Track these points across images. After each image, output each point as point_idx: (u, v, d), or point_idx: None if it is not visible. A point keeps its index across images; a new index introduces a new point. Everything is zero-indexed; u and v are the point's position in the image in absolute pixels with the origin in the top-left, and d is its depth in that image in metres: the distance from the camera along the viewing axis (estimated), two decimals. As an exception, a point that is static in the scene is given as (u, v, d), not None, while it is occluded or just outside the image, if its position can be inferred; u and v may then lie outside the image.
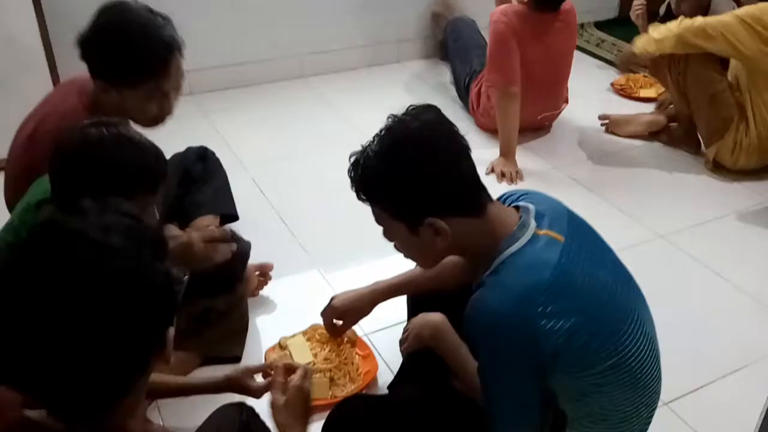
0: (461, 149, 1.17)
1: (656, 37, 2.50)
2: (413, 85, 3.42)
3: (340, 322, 1.69)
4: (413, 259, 1.28)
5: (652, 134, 2.89)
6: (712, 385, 1.74)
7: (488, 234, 1.16)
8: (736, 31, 2.35)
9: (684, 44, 2.45)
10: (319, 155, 2.79)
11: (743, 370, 1.79)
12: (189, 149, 2.12)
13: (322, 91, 3.35)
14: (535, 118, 2.87)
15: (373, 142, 1.17)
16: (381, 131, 1.17)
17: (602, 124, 2.98)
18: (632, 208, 2.48)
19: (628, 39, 3.71)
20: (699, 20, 2.41)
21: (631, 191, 2.60)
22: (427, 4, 3.53)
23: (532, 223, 1.16)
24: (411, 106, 1.20)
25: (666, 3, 3.32)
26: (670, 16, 3.11)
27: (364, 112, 3.12)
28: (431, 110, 1.20)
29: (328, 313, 1.67)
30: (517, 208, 1.22)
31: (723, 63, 2.57)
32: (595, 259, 1.18)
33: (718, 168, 2.65)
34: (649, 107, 3.14)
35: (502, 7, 2.70)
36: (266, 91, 3.32)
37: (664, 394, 1.29)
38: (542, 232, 1.14)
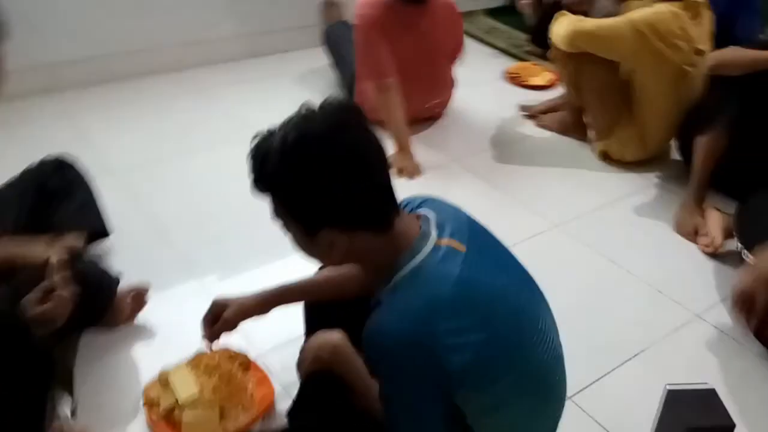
0: (377, 158, 1.06)
1: (555, 32, 2.53)
2: (302, 78, 3.27)
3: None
4: (310, 258, 1.17)
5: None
6: (613, 374, 1.74)
7: (390, 247, 1.08)
8: (627, 38, 2.38)
9: (572, 47, 2.49)
10: (200, 155, 2.60)
11: (641, 355, 1.80)
12: (43, 162, 1.87)
13: (202, 84, 3.13)
14: (423, 107, 2.82)
15: (278, 133, 1.04)
16: (289, 123, 1.04)
17: (526, 116, 3.01)
18: (527, 198, 2.47)
19: (519, 26, 3.79)
20: (589, 24, 2.41)
21: (526, 181, 2.59)
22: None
23: (433, 234, 1.09)
24: (327, 100, 1.07)
25: None
26: (556, 7, 3.15)
27: (249, 106, 2.96)
28: (347, 110, 1.08)
29: (209, 311, 1.45)
30: (417, 216, 1.15)
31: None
32: (497, 267, 1.14)
33: (607, 158, 2.70)
34: (539, 95, 3.17)
35: (363, 1, 2.61)
36: (138, 86, 3.06)
37: (568, 389, 1.26)
38: (443, 242, 1.08)
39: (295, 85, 3.18)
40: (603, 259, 2.18)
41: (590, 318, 1.92)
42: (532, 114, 3.01)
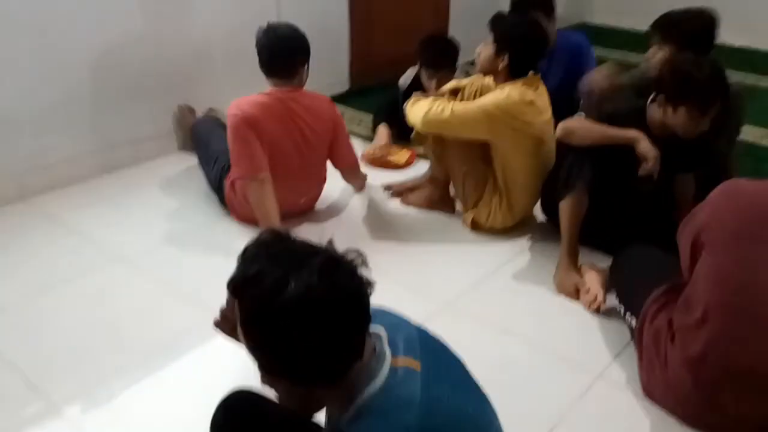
0: (358, 320, 1.03)
1: (412, 116, 2.56)
2: (158, 187, 3.07)
3: None
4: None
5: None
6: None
7: (347, 380, 1.04)
8: (481, 123, 2.45)
9: (430, 132, 2.55)
10: (59, 291, 2.32)
11: (559, 427, 1.77)
12: None
13: (52, 211, 2.84)
14: (298, 202, 2.77)
15: (267, 272, 0.99)
16: (298, 268, 0.99)
17: (391, 195, 2.99)
18: (410, 280, 2.42)
19: (366, 108, 3.85)
20: (444, 114, 2.46)
21: (405, 263, 2.55)
22: (161, 98, 3.25)
23: (388, 353, 1.05)
24: (337, 260, 1.05)
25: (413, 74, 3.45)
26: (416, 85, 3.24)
27: (109, 227, 2.71)
28: (346, 273, 1.03)
29: None
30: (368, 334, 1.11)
31: None
32: (454, 385, 1.11)
33: (477, 227, 2.73)
34: (401, 173, 3.20)
35: (238, 100, 2.56)
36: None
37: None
38: (399, 361, 1.07)
39: (148, 197, 2.97)
40: (497, 333, 2.16)
41: (497, 399, 1.84)
42: (398, 192, 3.01)
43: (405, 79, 3.54)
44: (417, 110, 2.55)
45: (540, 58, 2.57)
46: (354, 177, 2.96)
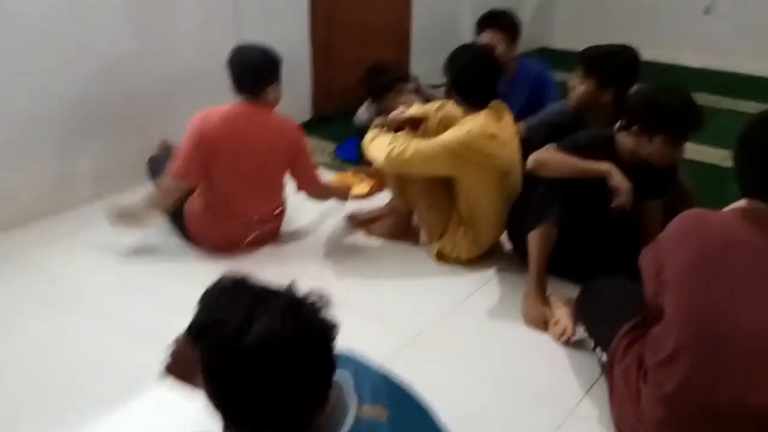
0: (323, 365, 1.01)
1: (373, 153, 2.52)
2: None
3: None
4: None
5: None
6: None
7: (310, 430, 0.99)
8: (444, 160, 2.43)
9: (391, 170, 2.51)
10: (15, 332, 2.23)
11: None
12: None
13: (9, 250, 2.71)
14: (252, 218, 2.68)
15: (228, 316, 0.97)
16: (240, 316, 0.96)
17: (355, 226, 2.94)
18: (375, 314, 2.35)
19: (328, 137, 3.79)
20: (407, 153, 2.42)
21: (370, 295, 2.48)
22: (121, 130, 3.16)
23: (353, 402, 1.02)
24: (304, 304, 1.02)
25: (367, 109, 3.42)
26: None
27: (68, 266, 2.61)
28: (310, 316, 1.01)
29: None
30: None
31: None
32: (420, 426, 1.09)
33: (443, 258, 2.68)
34: (363, 203, 3.13)
35: (208, 108, 2.60)
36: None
37: None
38: (365, 410, 1.03)
39: (111, 233, 2.83)
40: (464, 367, 2.10)
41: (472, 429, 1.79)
42: (361, 223, 2.94)
43: (361, 116, 3.49)
44: (378, 147, 2.50)
45: (494, 84, 2.56)
46: (321, 199, 2.94)
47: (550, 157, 2.27)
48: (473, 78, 2.52)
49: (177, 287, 2.43)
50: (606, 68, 2.60)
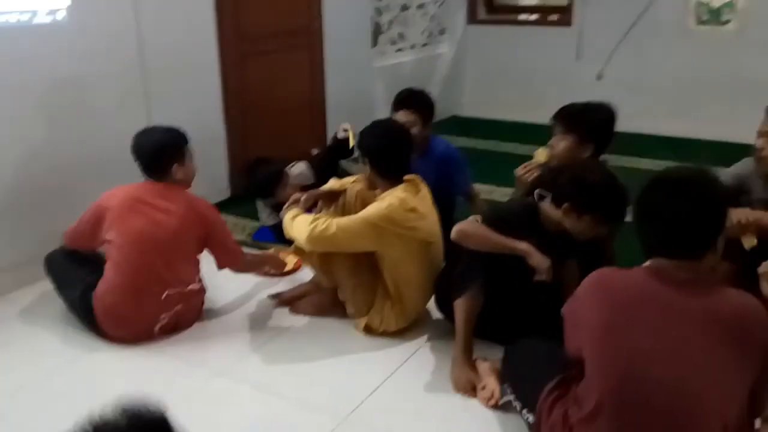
0: None
1: (295, 233, 2.51)
2: (19, 322, 2.82)
3: None
4: None
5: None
6: None
7: None
8: (367, 235, 2.45)
9: (314, 248, 2.51)
10: None
11: None
12: None
13: None
14: (160, 297, 2.58)
15: None
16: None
17: (279, 304, 2.90)
18: (306, 395, 2.31)
19: (250, 215, 3.77)
20: (329, 231, 2.43)
21: (300, 376, 2.44)
22: (19, 222, 3.05)
23: None
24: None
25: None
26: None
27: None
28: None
29: None
30: None
31: None
32: None
33: (371, 332, 2.67)
34: (287, 280, 3.10)
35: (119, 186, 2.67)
36: None
37: None
38: None
39: (16, 332, 2.73)
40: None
41: None
42: (285, 301, 2.91)
43: (263, 217, 3.52)
44: (299, 227, 2.50)
45: (407, 158, 2.63)
46: (251, 272, 2.96)
47: (473, 230, 2.33)
48: (386, 153, 2.59)
49: (80, 392, 2.29)
50: (587, 123, 2.69)
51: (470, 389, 2.28)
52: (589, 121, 2.70)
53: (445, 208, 2.94)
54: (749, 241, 2.33)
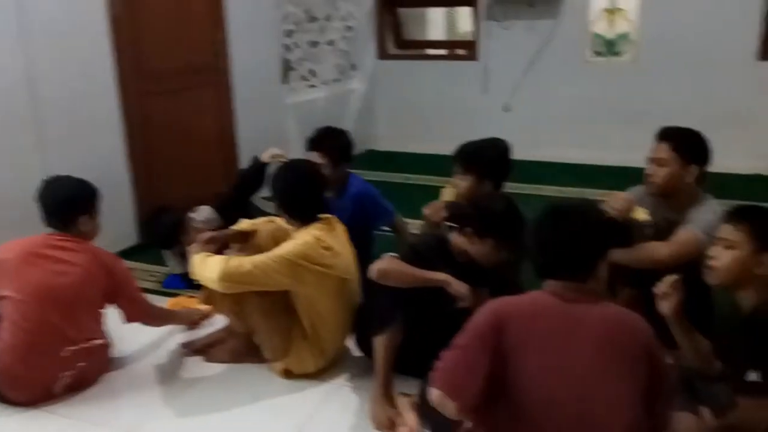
0: None
1: (207, 274, 2.42)
2: None
3: None
4: None
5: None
6: None
7: None
8: (283, 272, 2.40)
9: (228, 289, 2.42)
10: None
11: None
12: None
13: None
14: (59, 353, 2.42)
15: None
16: None
17: (192, 353, 2.78)
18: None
19: (160, 261, 3.61)
20: (244, 267, 2.37)
21: (217, 425, 2.35)
22: None
23: None
24: None
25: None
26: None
27: None
28: None
29: None
30: None
31: None
32: None
33: (290, 375, 2.60)
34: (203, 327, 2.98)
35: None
36: None
37: None
38: None
39: None
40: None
41: None
42: (198, 350, 2.80)
43: (171, 265, 3.41)
44: (210, 267, 2.41)
45: (318, 198, 2.61)
46: (162, 325, 2.84)
47: (391, 268, 2.33)
48: (297, 194, 2.57)
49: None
50: (482, 161, 2.78)
51: (390, 426, 2.25)
52: (485, 160, 2.81)
53: (362, 245, 2.93)
54: (641, 215, 2.53)
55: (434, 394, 1.64)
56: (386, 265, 2.34)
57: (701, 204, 2.53)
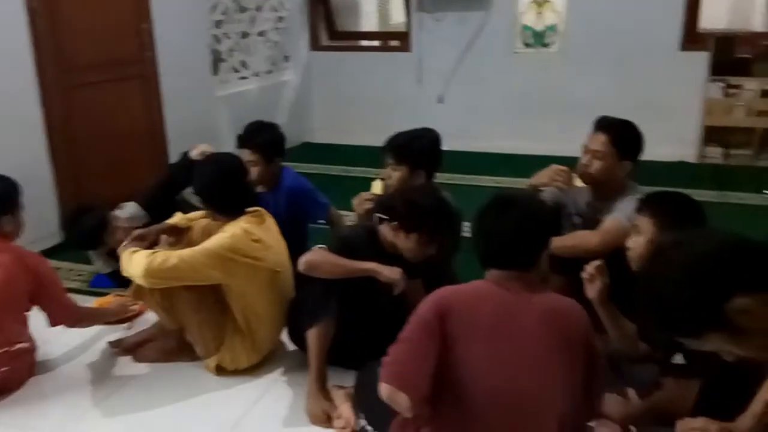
0: None
1: (133, 269, 2.34)
2: None
3: None
4: None
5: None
6: None
7: None
8: (212, 265, 2.35)
9: (157, 284, 2.36)
10: None
11: None
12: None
13: None
14: None
15: None
16: None
17: (121, 352, 2.71)
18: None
19: (82, 260, 3.47)
20: (171, 261, 2.31)
21: (151, 426, 2.29)
22: None
23: None
24: None
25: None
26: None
27: None
28: None
29: None
30: None
31: None
32: None
33: (223, 371, 2.55)
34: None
35: None
36: None
37: None
38: None
39: None
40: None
41: None
42: (128, 349, 2.72)
43: (98, 265, 3.28)
44: (136, 262, 2.34)
45: (242, 190, 2.57)
46: (87, 326, 2.74)
47: (320, 260, 2.31)
48: (220, 189, 2.52)
49: None
50: (415, 152, 2.77)
51: (326, 420, 2.24)
52: (418, 150, 2.80)
53: (298, 239, 2.91)
54: (579, 182, 2.61)
55: (384, 390, 1.61)
56: (314, 257, 2.32)
57: (627, 193, 2.60)
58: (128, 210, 3.16)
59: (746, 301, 1.18)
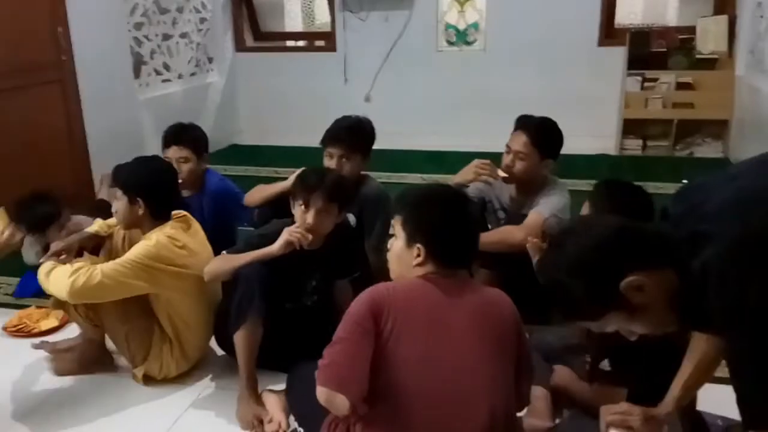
0: None
1: (54, 287, 2.27)
2: None
3: None
4: None
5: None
6: None
7: None
8: (137, 276, 2.29)
9: (81, 300, 2.31)
10: None
11: None
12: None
13: None
14: None
15: None
16: None
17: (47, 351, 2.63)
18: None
19: (3, 272, 3.38)
20: (96, 277, 2.23)
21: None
22: None
23: None
24: None
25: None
26: None
27: None
28: None
29: None
30: None
31: None
32: None
33: (151, 380, 2.51)
34: (57, 336, 2.81)
35: None
36: None
37: None
38: None
39: None
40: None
41: None
42: (54, 351, 2.64)
43: (28, 255, 3.16)
44: (58, 282, 2.26)
45: (170, 193, 2.53)
46: None
47: (218, 264, 2.33)
48: (155, 190, 2.44)
49: None
50: (366, 138, 2.85)
51: (258, 425, 2.22)
52: (367, 136, 2.87)
53: (225, 243, 2.86)
54: (501, 173, 2.69)
55: (321, 393, 1.58)
56: (210, 266, 2.34)
57: (550, 187, 2.69)
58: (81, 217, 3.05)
59: (638, 279, 1.27)
